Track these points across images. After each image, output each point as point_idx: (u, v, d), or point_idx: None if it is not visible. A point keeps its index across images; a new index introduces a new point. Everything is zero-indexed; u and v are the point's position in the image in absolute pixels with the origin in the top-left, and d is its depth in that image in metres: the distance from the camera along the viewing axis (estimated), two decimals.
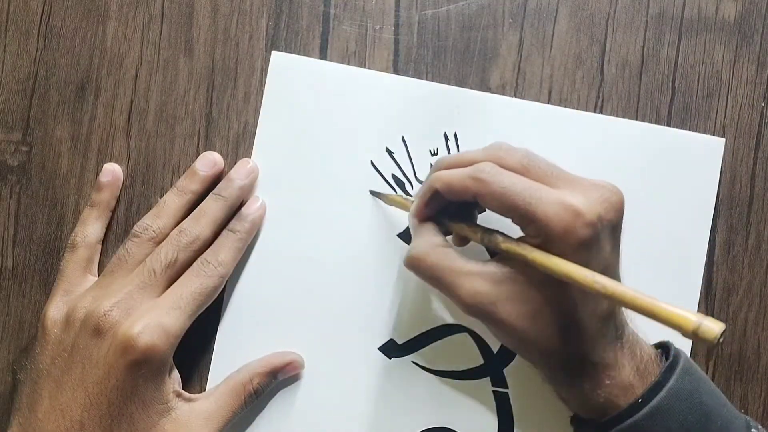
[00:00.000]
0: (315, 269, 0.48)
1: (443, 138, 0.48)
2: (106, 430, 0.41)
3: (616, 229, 0.40)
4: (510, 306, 0.39)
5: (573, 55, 0.49)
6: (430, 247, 0.41)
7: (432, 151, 0.48)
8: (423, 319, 0.48)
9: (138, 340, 0.41)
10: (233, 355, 0.47)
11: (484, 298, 0.39)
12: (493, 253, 0.44)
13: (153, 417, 0.43)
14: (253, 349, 0.47)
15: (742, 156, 0.49)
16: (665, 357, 0.41)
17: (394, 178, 0.48)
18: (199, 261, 0.45)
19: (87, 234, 0.47)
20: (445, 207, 0.42)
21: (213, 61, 0.49)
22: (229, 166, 0.48)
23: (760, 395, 0.48)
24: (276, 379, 0.47)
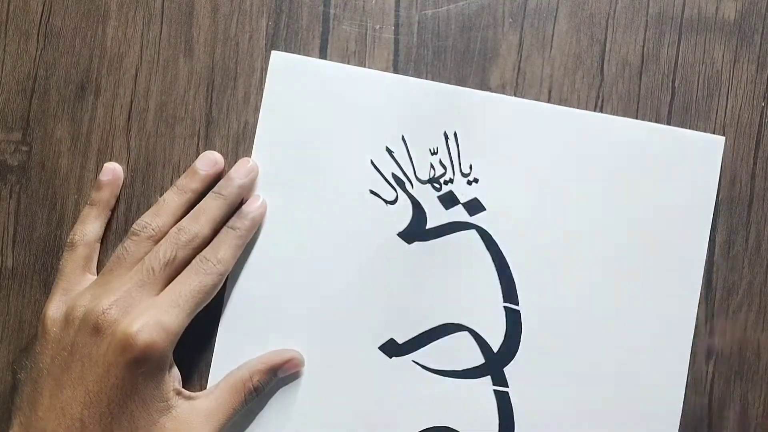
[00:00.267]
0: (315, 268, 0.48)
1: (443, 137, 0.48)
2: (106, 428, 0.41)
3: None
4: None
5: (573, 55, 0.49)
6: None
7: (432, 150, 0.48)
8: (423, 318, 0.48)
9: (137, 338, 0.41)
10: (233, 354, 0.47)
11: None
12: None
13: (153, 415, 0.43)
14: (254, 348, 0.47)
15: (742, 156, 0.49)
16: None
17: (394, 177, 0.48)
18: (198, 258, 0.45)
19: (86, 233, 0.47)
20: None
21: (213, 61, 0.49)
22: (229, 165, 0.48)
23: (760, 395, 0.48)
24: (276, 377, 0.47)
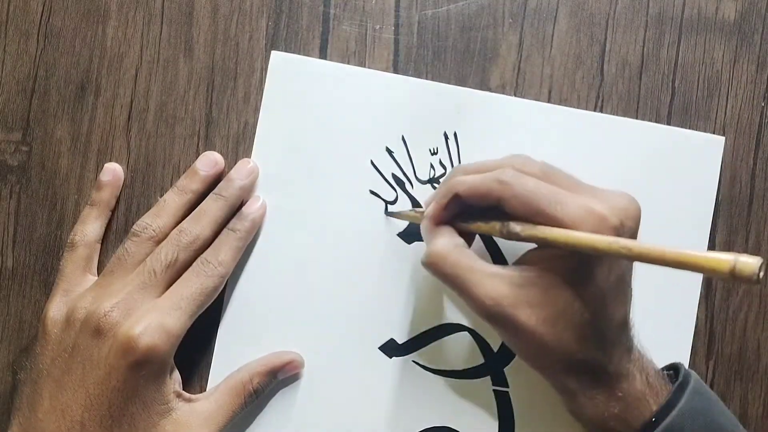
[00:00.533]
0: (315, 269, 0.48)
1: (443, 137, 0.48)
2: (106, 430, 0.41)
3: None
4: (530, 310, 0.39)
5: (573, 55, 0.49)
6: (450, 247, 0.41)
7: (432, 151, 0.48)
8: (423, 318, 0.48)
9: (139, 340, 0.41)
10: (233, 356, 0.47)
11: (504, 300, 0.39)
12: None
13: (153, 417, 0.43)
14: (254, 349, 0.47)
15: (742, 156, 0.49)
16: (676, 377, 0.41)
17: (394, 177, 0.48)
18: (200, 261, 0.45)
19: (86, 233, 0.47)
20: (459, 213, 0.42)
21: (213, 61, 0.49)
22: (229, 166, 0.48)
23: (760, 395, 0.48)
24: (276, 379, 0.47)
